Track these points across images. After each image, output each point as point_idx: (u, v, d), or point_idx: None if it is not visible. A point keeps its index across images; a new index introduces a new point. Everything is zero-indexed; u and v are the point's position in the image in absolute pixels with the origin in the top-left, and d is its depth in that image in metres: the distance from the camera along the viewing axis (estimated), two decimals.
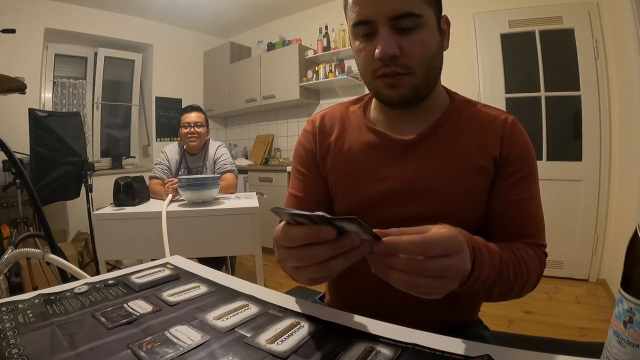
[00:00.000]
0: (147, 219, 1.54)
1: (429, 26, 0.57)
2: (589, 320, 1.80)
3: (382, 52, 0.55)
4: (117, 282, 0.66)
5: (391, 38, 0.55)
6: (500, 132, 0.63)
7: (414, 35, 0.56)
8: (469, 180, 0.62)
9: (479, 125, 0.64)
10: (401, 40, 0.56)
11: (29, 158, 2.11)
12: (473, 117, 0.65)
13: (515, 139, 0.63)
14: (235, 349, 0.43)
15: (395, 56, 0.56)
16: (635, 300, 0.29)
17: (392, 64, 0.57)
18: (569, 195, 2.37)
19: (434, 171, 0.62)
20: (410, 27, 0.56)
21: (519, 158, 0.62)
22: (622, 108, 2.20)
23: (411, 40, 0.56)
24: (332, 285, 0.78)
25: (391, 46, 0.55)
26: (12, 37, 2.31)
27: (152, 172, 2.06)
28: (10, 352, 0.42)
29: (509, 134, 0.63)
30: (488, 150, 0.62)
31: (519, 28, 2.49)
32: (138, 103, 3.81)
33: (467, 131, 0.64)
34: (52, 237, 1.22)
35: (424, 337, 0.46)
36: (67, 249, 2.53)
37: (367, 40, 0.58)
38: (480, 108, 0.67)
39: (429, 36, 0.58)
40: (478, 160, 0.62)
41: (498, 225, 0.63)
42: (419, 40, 0.56)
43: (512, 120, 0.65)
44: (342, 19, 3.15)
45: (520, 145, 0.63)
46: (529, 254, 0.58)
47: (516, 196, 0.62)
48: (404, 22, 0.55)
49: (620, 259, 0.32)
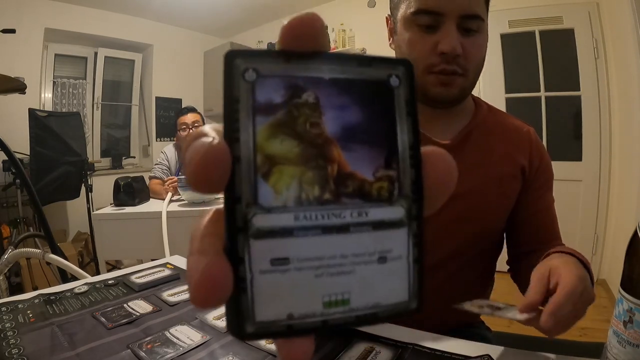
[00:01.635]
0: (147, 219, 1.54)
1: (485, 32, 0.58)
2: (589, 320, 1.80)
3: (450, 47, 0.53)
4: (117, 282, 0.66)
5: (457, 36, 0.54)
6: (527, 144, 0.64)
7: (475, 38, 0.56)
8: (498, 188, 0.62)
9: (507, 134, 0.65)
10: (463, 40, 0.55)
11: (29, 158, 2.11)
12: (500, 126, 0.66)
13: (542, 151, 0.65)
14: (235, 349, 0.43)
15: (458, 55, 0.55)
16: (635, 300, 0.29)
17: (453, 62, 0.55)
18: (569, 195, 2.37)
19: (466, 177, 0.61)
20: (473, 30, 0.56)
21: (546, 171, 0.65)
22: (622, 108, 2.20)
23: (472, 43, 0.56)
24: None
25: (458, 44, 0.54)
26: (12, 37, 2.31)
27: (152, 172, 2.07)
28: (10, 352, 0.42)
29: (535, 146, 0.65)
30: (517, 160, 0.63)
31: (519, 28, 2.48)
32: (138, 103, 3.81)
33: (496, 139, 0.64)
34: (52, 237, 1.22)
35: (424, 337, 0.46)
36: (67, 249, 2.52)
37: (426, 32, 0.56)
38: (504, 117, 0.68)
39: (485, 42, 0.59)
40: (508, 169, 0.63)
41: (524, 233, 0.65)
42: (478, 44, 0.57)
43: (533, 131, 0.67)
44: (342, 19, 3.15)
45: (546, 158, 0.65)
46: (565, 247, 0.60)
47: (541, 205, 0.64)
48: (471, 23, 0.55)
49: (620, 259, 0.32)
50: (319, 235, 0.14)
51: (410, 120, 0.15)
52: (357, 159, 0.14)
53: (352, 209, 0.14)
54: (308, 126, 0.14)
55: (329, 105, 0.14)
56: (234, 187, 0.13)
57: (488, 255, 0.68)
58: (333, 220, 0.14)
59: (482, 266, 0.68)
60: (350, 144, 0.14)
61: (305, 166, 0.14)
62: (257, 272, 0.13)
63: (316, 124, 0.14)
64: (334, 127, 0.14)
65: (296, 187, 0.14)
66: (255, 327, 0.13)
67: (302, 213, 0.14)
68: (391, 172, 0.15)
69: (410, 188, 0.15)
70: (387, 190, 0.15)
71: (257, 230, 0.13)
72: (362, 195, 0.14)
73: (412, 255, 0.15)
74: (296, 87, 0.14)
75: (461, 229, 0.61)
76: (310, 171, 0.14)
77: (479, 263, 0.67)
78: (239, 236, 0.13)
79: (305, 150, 0.14)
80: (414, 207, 0.15)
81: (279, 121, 0.14)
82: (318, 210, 0.14)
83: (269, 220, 0.13)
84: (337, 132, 0.14)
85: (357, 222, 0.14)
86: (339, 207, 0.14)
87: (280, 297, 0.13)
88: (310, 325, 0.14)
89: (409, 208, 0.15)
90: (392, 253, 0.15)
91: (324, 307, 0.14)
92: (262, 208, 0.13)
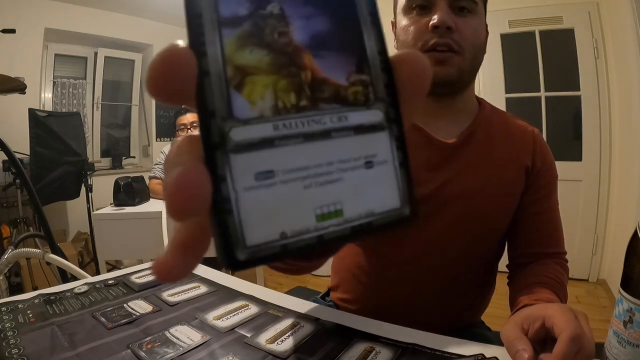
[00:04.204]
0: (147, 219, 1.54)
1: (480, 16, 0.60)
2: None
3: (440, 20, 0.55)
4: (117, 282, 0.66)
5: (449, 12, 0.56)
6: (531, 144, 0.64)
7: (468, 19, 0.58)
8: (502, 187, 0.62)
9: (510, 134, 0.65)
10: (456, 18, 0.57)
11: (29, 158, 2.11)
12: (504, 126, 0.66)
13: (546, 152, 0.65)
14: (235, 349, 0.43)
15: (451, 29, 0.56)
16: (635, 300, 0.29)
17: (446, 36, 0.56)
18: (569, 195, 2.36)
19: (470, 176, 0.62)
20: (466, 9, 0.57)
21: (549, 172, 0.64)
22: (622, 108, 2.20)
23: (465, 22, 0.58)
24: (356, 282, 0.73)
25: (449, 18, 0.56)
26: (12, 37, 2.31)
27: (152, 172, 2.07)
28: (10, 352, 0.42)
29: (539, 146, 0.65)
30: (521, 160, 0.63)
31: (519, 28, 2.48)
32: (138, 103, 3.81)
33: (499, 139, 0.64)
34: (52, 237, 1.22)
35: (424, 337, 0.46)
36: (67, 249, 2.52)
37: (420, 13, 0.58)
38: (508, 117, 0.69)
39: (480, 25, 0.60)
40: (511, 168, 0.63)
41: (526, 234, 0.65)
42: (472, 25, 0.58)
43: (538, 132, 0.67)
44: None
45: (550, 159, 0.65)
46: (562, 273, 0.60)
47: (543, 207, 0.64)
48: (463, 2, 0.57)
49: (620, 259, 0.32)
50: (301, 143, 0.13)
51: (375, 29, 0.15)
52: (329, 66, 0.14)
53: (330, 114, 0.14)
54: (276, 36, 0.14)
55: (294, 15, 0.14)
56: (205, 101, 0.12)
57: (491, 257, 0.67)
58: (314, 126, 0.14)
59: (484, 268, 0.67)
60: (321, 51, 0.14)
61: (278, 74, 0.13)
62: (241, 190, 0.12)
63: (284, 33, 0.14)
64: (302, 36, 0.14)
65: (271, 96, 0.13)
66: (247, 253, 0.12)
67: (280, 122, 0.13)
68: (364, 76, 0.15)
69: (385, 91, 0.15)
70: (363, 94, 0.15)
71: (235, 145, 0.12)
72: (339, 100, 0.14)
73: (397, 159, 0.15)
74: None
75: (464, 230, 0.61)
76: (283, 79, 0.13)
77: (482, 265, 0.66)
78: (217, 152, 0.12)
79: (276, 59, 0.13)
80: (391, 110, 0.15)
81: (246, 32, 0.13)
82: (297, 117, 0.13)
83: (247, 132, 0.13)
84: (305, 41, 0.14)
85: (338, 127, 0.14)
86: (318, 113, 0.14)
87: (270, 215, 0.13)
88: (305, 243, 0.13)
89: (386, 111, 0.15)
90: (377, 157, 0.15)
91: (318, 220, 0.13)
92: (238, 120, 0.13)
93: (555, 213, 0.65)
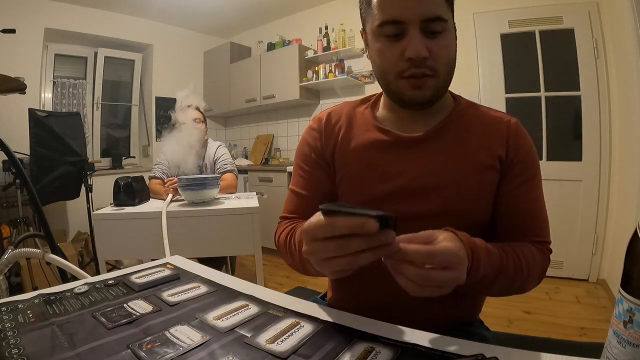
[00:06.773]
0: (147, 219, 1.53)
1: (451, 31, 0.60)
2: (589, 320, 1.80)
3: (415, 53, 0.56)
4: (117, 282, 0.66)
5: (421, 40, 0.56)
6: (505, 134, 0.65)
7: (440, 39, 0.58)
8: (476, 178, 0.63)
9: (484, 125, 0.66)
10: (429, 43, 0.57)
11: (29, 158, 2.11)
12: (478, 119, 0.67)
13: (521, 141, 0.65)
14: (235, 349, 0.43)
15: (425, 58, 0.57)
16: (635, 300, 0.29)
17: (421, 65, 0.58)
18: (569, 195, 2.37)
19: (442, 168, 0.63)
20: (437, 31, 0.57)
21: (524, 160, 0.64)
22: (622, 108, 2.20)
23: (438, 44, 0.58)
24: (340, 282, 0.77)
25: (423, 48, 0.56)
26: (12, 37, 2.31)
27: (152, 172, 2.06)
28: (10, 352, 0.42)
29: (514, 135, 0.65)
30: (494, 149, 0.64)
31: (519, 28, 2.48)
32: (138, 103, 3.81)
33: (473, 131, 0.65)
34: (52, 237, 1.22)
35: (424, 337, 0.46)
36: (67, 249, 2.52)
37: (393, 40, 0.59)
38: (485, 110, 0.69)
39: (452, 40, 0.60)
40: (484, 158, 0.63)
41: (505, 225, 0.65)
42: (444, 44, 0.58)
43: (515, 122, 0.67)
44: (342, 19, 3.15)
45: (525, 148, 0.65)
46: (531, 250, 0.60)
47: (522, 197, 0.64)
48: (434, 25, 0.57)
49: (620, 259, 0.32)
50: None
51: None
52: None
53: None
54: None
55: None
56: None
57: None
58: None
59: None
60: None
61: None
62: None
63: None
64: None
65: None
66: None
67: None
68: None
69: None
70: None
71: None
72: None
73: None
74: None
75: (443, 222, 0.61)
76: None
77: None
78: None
79: None
80: None
81: None
82: None
83: None
84: None
85: None
86: None
87: None
88: None
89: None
90: None
91: None
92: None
93: (539, 205, 0.65)
